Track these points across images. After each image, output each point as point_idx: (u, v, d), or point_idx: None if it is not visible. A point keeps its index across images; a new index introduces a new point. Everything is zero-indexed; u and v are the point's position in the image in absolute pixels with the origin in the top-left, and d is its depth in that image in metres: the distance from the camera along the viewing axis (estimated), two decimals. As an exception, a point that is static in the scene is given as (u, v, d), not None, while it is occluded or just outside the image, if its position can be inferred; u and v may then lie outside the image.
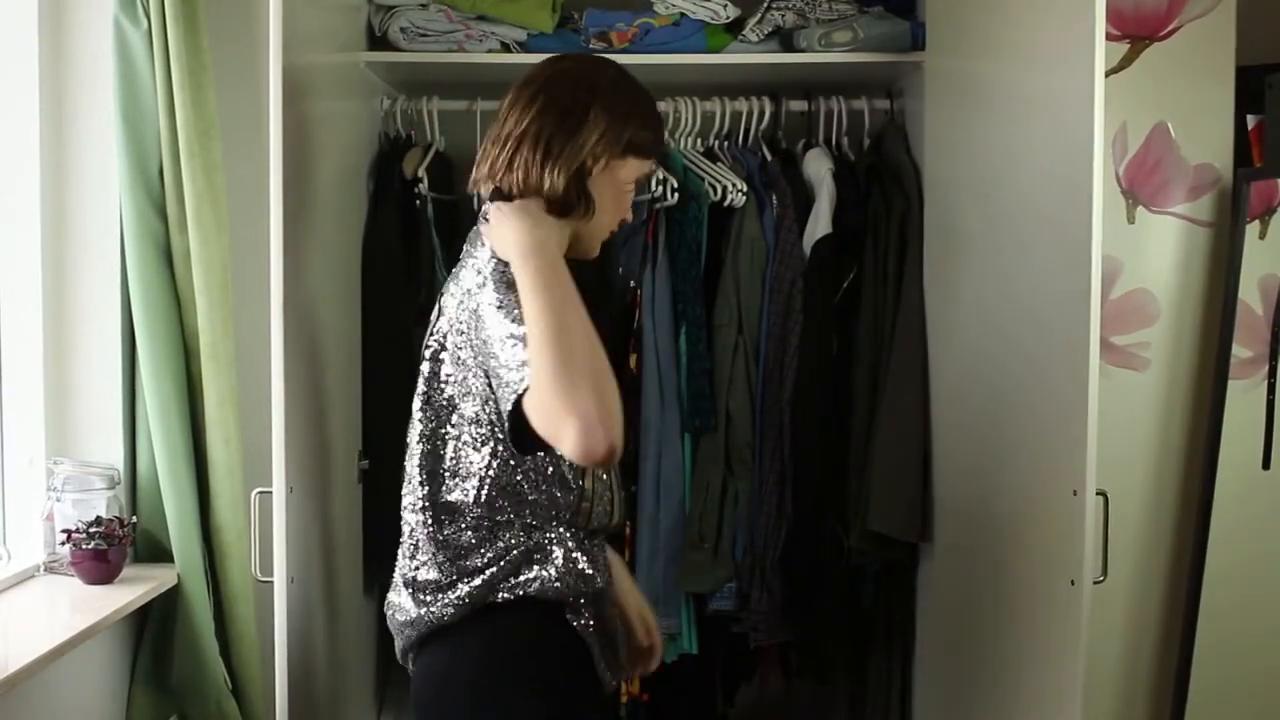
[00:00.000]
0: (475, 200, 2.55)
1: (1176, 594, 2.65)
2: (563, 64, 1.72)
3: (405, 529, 1.66)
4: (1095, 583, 1.82)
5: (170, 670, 2.37)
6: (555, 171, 1.61)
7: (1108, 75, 1.86)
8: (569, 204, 1.62)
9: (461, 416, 1.60)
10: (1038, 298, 1.98)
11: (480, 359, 1.54)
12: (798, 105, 2.66)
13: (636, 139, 1.67)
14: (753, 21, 2.55)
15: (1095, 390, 1.78)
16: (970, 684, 2.27)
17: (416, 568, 1.63)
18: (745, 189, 2.55)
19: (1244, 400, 2.56)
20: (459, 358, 1.59)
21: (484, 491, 1.59)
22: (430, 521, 1.61)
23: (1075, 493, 1.80)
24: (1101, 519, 1.84)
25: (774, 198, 2.57)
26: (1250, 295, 2.58)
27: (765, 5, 2.55)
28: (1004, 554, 2.10)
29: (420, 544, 1.63)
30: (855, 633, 2.65)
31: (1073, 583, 1.81)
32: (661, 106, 2.58)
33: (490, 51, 2.54)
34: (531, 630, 1.60)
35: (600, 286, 2.49)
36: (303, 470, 2.04)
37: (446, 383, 1.60)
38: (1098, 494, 1.80)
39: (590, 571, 1.63)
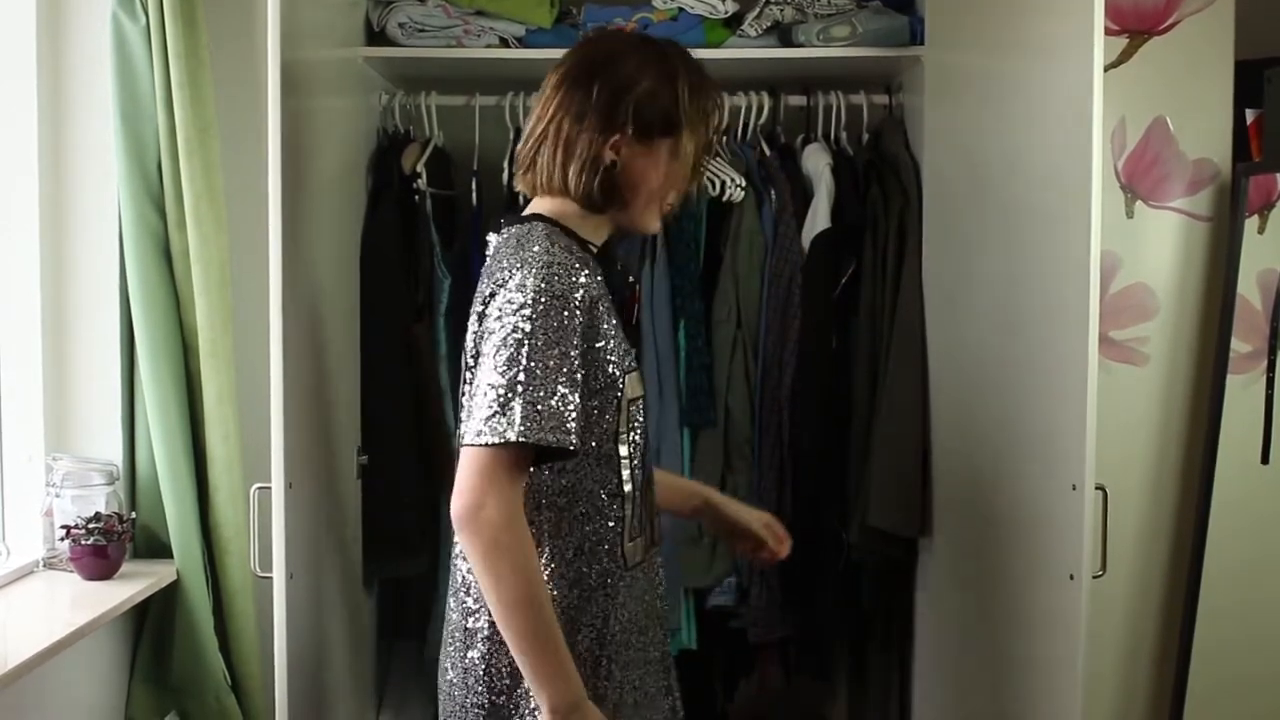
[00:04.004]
0: (475, 194, 2.60)
1: (1176, 588, 2.65)
2: (585, 49, 1.65)
3: None
4: (1094, 577, 1.81)
5: (170, 666, 2.37)
6: (579, 173, 1.57)
7: (1106, 70, 1.86)
8: (595, 204, 1.59)
9: None
10: (1036, 292, 1.98)
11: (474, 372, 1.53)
12: (796, 100, 2.65)
13: (646, 117, 1.57)
14: (751, 16, 2.55)
15: (1094, 385, 1.78)
16: (969, 678, 2.27)
17: None
18: (744, 184, 2.54)
19: (1243, 395, 2.56)
20: None
21: None
22: None
23: (1074, 487, 1.80)
24: (1101, 514, 1.84)
25: (772, 193, 2.57)
26: (1249, 290, 2.57)
27: (763, 0, 2.55)
28: (1003, 549, 2.10)
29: None
30: (854, 628, 2.64)
31: (1072, 577, 1.81)
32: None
33: (489, 46, 2.54)
34: None
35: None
36: (302, 466, 2.04)
37: None
38: (1097, 489, 1.80)
39: None
